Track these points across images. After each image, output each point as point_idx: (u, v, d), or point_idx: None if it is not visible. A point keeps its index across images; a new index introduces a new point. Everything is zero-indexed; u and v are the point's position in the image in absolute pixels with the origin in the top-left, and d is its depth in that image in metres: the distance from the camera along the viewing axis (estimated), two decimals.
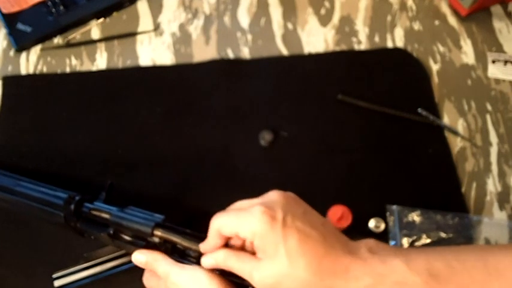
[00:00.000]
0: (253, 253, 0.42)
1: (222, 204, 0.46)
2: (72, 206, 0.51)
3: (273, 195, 0.43)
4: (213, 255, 0.44)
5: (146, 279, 0.49)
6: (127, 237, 0.49)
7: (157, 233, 0.47)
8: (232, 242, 0.44)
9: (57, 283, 0.54)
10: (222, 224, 0.42)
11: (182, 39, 0.74)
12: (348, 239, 0.43)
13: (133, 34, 0.74)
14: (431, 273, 0.39)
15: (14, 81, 0.69)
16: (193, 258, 0.47)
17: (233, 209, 0.44)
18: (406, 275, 0.39)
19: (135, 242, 0.49)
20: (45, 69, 0.71)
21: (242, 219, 0.41)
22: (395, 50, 0.73)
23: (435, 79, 0.71)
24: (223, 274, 0.44)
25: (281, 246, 0.39)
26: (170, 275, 0.45)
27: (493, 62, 0.73)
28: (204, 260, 0.44)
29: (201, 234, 0.46)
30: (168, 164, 0.63)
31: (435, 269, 0.39)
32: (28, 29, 0.72)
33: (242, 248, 0.44)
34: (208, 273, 0.43)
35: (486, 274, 0.39)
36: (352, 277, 0.39)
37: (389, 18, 0.76)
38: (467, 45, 0.74)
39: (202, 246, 0.45)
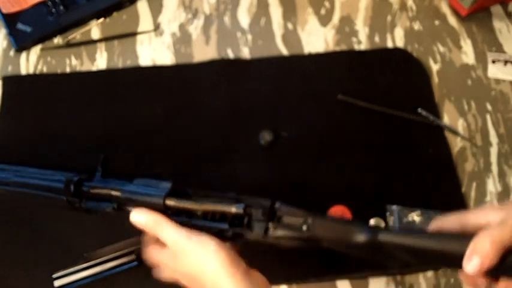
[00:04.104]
0: None
1: None
2: (72, 187, 0.51)
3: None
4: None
5: (151, 253, 0.47)
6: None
7: (170, 202, 0.46)
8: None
9: (57, 283, 0.54)
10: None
11: (182, 39, 0.74)
12: None
13: (133, 34, 0.74)
14: None
15: (14, 81, 0.69)
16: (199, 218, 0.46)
17: None
18: None
19: None
20: (45, 69, 0.71)
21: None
22: (396, 50, 0.73)
23: (435, 79, 0.71)
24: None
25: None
26: (178, 242, 0.43)
27: (493, 62, 0.73)
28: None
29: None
30: (167, 164, 0.63)
31: None
32: (28, 29, 0.72)
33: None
34: (216, 243, 0.42)
35: None
36: None
37: (389, 18, 0.76)
38: (467, 45, 0.74)
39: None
